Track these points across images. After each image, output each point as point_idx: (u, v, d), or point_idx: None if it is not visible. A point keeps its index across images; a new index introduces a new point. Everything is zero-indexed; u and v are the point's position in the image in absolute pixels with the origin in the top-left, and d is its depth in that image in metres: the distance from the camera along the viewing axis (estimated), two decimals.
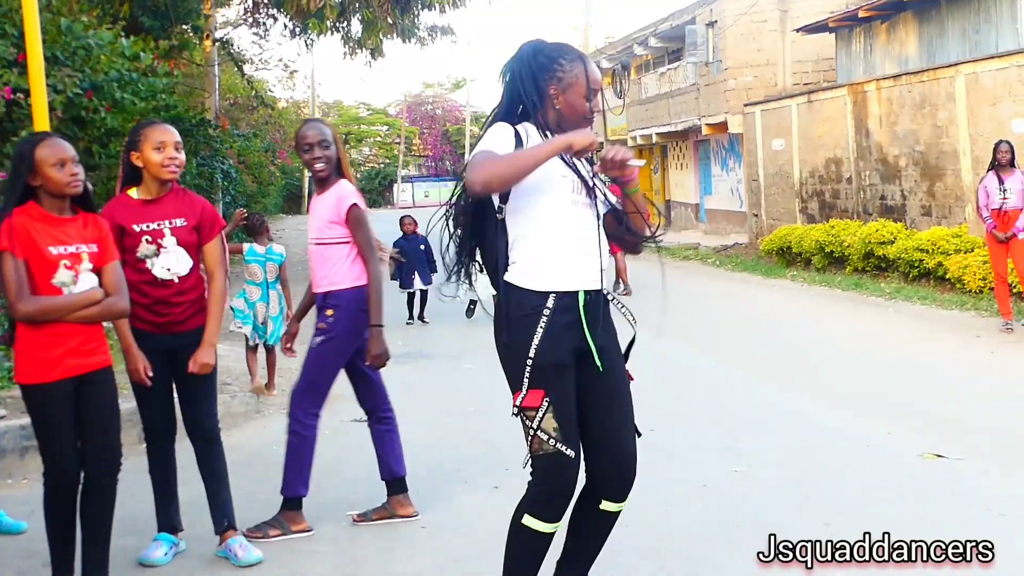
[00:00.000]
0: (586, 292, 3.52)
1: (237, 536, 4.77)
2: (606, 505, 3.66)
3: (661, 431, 6.79)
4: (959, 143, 15.44)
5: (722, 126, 25.04)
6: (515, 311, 3.50)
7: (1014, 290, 11.24)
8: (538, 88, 3.55)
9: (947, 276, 13.82)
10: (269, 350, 9.03)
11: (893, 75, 17.87)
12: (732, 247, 22.85)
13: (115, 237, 4.40)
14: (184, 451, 4.88)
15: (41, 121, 7.30)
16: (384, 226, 32.81)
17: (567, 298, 3.49)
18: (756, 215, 23.10)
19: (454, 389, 8.59)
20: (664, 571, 4.56)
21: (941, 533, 4.80)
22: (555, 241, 3.50)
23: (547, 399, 3.47)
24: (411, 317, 12.64)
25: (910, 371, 8.94)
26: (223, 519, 4.79)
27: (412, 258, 12.90)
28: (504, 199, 3.53)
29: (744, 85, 24.07)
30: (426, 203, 60.86)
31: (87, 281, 4.14)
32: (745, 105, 23.41)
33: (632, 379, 3.69)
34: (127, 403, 4.87)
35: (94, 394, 4.18)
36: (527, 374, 3.47)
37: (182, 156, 4.60)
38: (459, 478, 5.97)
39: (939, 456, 6.14)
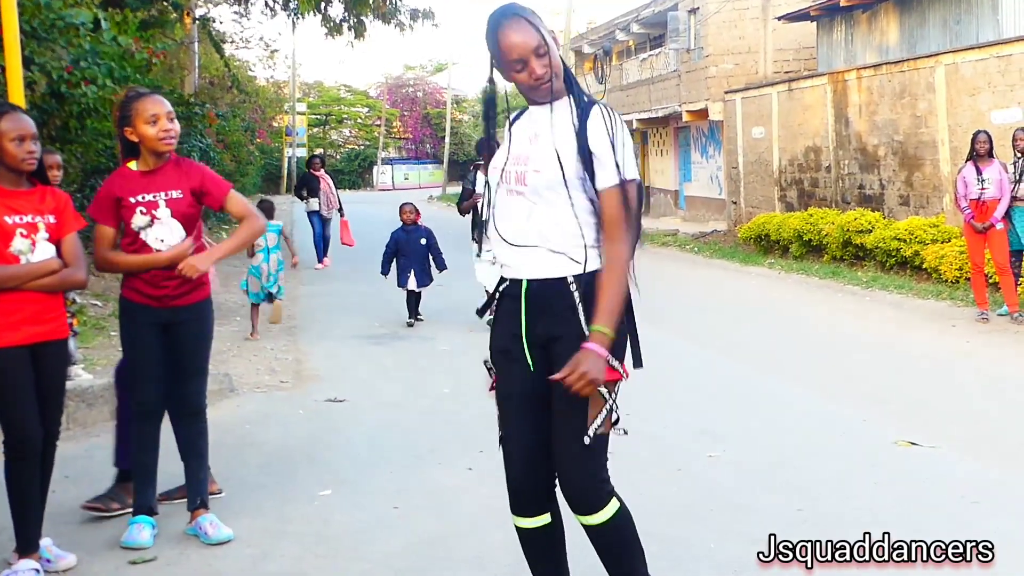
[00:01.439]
0: (530, 282, 3.29)
1: (207, 514, 4.73)
2: (577, 517, 3.39)
3: (637, 415, 6.79)
4: (938, 133, 15.47)
5: (702, 113, 25.04)
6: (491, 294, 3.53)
7: (990, 280, 11.27)
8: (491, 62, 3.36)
9: (924, 266, 13.86)
10: (271, 299, 10.70)
11: (873, 64, 17.89)
12: (711, 234, 22.85)
13: (113, 209, 4.48)
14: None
15: (16, 95, 7.20)
16: (368, 209, 32.62)
17: (514, 286, 3.36)
18: (735, 202, 23.12)
19: (429, 371, 8.55)
20: None
21: (915, 519, 4.84)
22: (500, 234, 3.36)
23: (495, 384, 3.47)
24: (412, 317, 11.16)
25: (886, 359, 8.95)
26: (197, 497, 4.75)
27: (410, 253, 11.25)
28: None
29: (725, 72, 24.07)
30: (405, 186, 60.70)
31: (44, 250, 4.23)
32: (726, 92, 23.40)
33: (623, 375, 3.31)
34: (100, 379, 4.84)
35: (47, 362, 4.27)
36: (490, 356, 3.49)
37: (176, 126, 4.55)
38: (433, 459, 5.93)
39: (913, 443, 6.15)
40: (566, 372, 3.14)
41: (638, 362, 3.41)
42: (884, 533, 4.30)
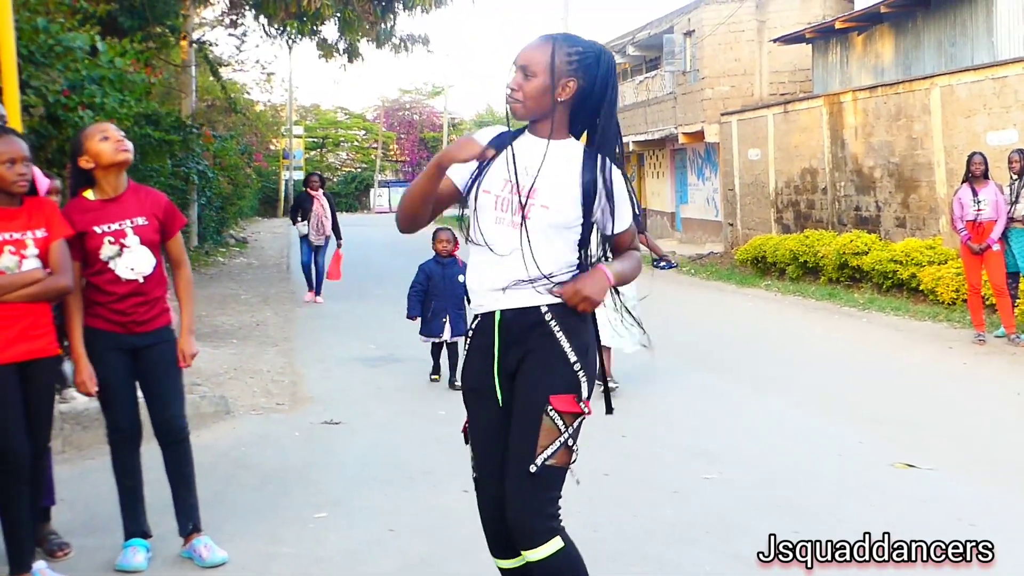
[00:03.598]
0: (503, 311, 3.25)
1: (202, 537, 4.71)
2: (519, 549, 3.24)
3: (633, 436, 6.80)
4: (934, 155, 15.52)
5: (699, 135, 25.11)
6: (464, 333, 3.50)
7: (987, 302, 11.29)
8: None
9: (920, 287, 13.88)
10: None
11: (869, 86, 17.96)
12: (707, 256, 22.87)
13: (77, 241, 4.42)
14: (147, 451, 4.80)
15: (14, 119, 7.21)
16: (364, 231, 32.45)
17: (486, 320, 3.30)
18: (731, 224, 23.16)
19: (424, 393, 8.53)
20: (631, 575, 4.52)
21: (908, 539, 4.82)
22: (478, 262, 3.32)
23: (467, 424, 3.44)
24: (436, 371, 9.01)
25: (883, 380, 8.95)
26: (188, 522, 4.72)
27: (444, 293, 8.84)
28: (464, 198, 3.41)
29: (721, 95, 24.15)
30: None
31: (32, 265, 4.26)
32: (722, 114, 23.48)
33: (584, 412, 3.24)
34: (95, 401, 4.82)
35: (36, 380, 4.30)
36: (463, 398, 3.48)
37: (128, 143, 4.54)
38: (427, 481, 5.91)
39: (910, 466, 6.14)
40: (567, 288, 3.18)
41: (609, 409, 3.50)
42: (884, 533, 4.30)
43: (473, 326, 3.37)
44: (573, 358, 3.22)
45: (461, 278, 8.41)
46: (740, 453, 6.54)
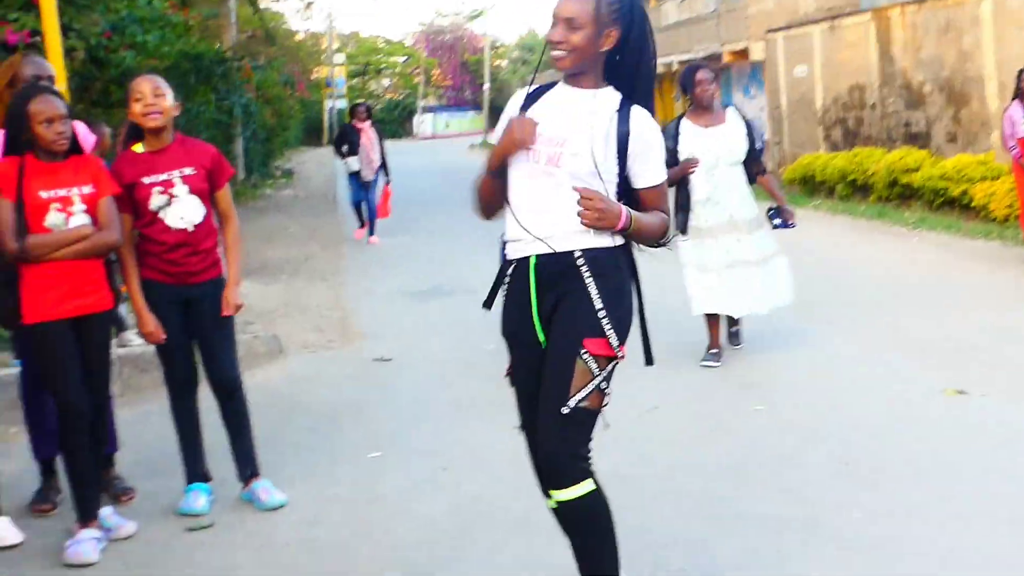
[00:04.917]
0: (538, 256, 3.31)
1: (261, 480, 4.83)
2: (547, 491, 3.34)
3: (678, 372, 6.80)
4: (984, 68, 15.20)
5: (743, 53, 24.68)
6: (496, 283, 3.53)
7: None
8: None
9: (972, 204, 13.69)
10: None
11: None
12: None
13: (126, 194, 4.47)
14: (205, 396, 4.91)
15: (56, 63, 7.27)
16: (409, 160, 32.37)
17: (522, 265, 3.36)
18: (779, 143, 22.88)
19: (473, 326, 8.58)
20: (679, 512, 4.59)
21: (955, 471, 4.85)
22: (514, 212, 3.36)
23: (509, 368, 3.51)
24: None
25: (934, 303, 8.87)
26: (246, 468, 4.85)
27: None
28: None
29: (765, 11, 23.65)
30: (446, 133, 60.57)
31: (80, 222, 4.32)
32: (767, 32, 23.05)
33: (619, 355, 3.29)
34: (151, 346, 4.92)
35: (92, 334, 4.41)
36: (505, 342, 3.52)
37: (164, 102, 4.54)
38: (479, 417, 5.99)
39: (961, 392, 6.13)
40: (587, 192, 3.18)
41: (649, 359, 3.47)
42: None
43: (510, 272, 3.42)
44: (599, 304, 3.26)
45: None
46: (788, 383, 6.56)
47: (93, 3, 11.33)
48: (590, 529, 3.34)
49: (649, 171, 3.35)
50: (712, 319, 7.11)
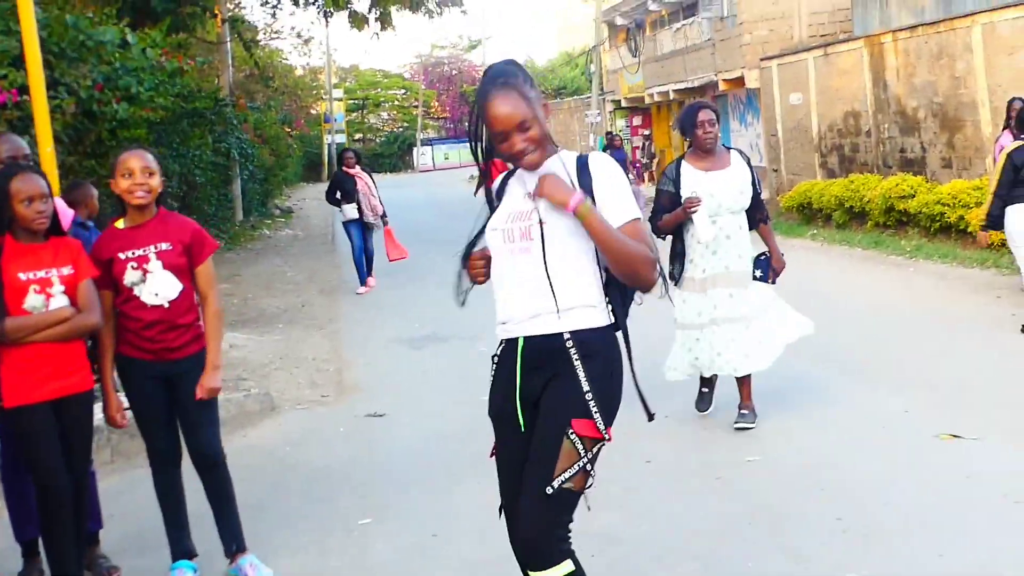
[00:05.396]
0: (527, 338, 3.29)
1: (247, 555, 4.76)
2: (526, 571, 3.30)
3: (673, 416, 6.74)
4: (977, 94, 15.19)
5: (739, 81, 24.75)
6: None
7: None
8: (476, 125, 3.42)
9: (969, 230, 13.64)
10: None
11: (910, 26, 17.56)
12: None
13: (104, 269, 4.44)
14: (189, 467, 4.84)
15: (42, 119, 7.25)
16: (409, 193, 32.55)
17: (510, 345, 3.36)
18: (776, 170, 22.89)
19: (469, 375, 8.53)
20: (677, 574, 4.52)
21: (955, 524, 4.77)
22: (499, 292, 3.37)
23: (494, 450, 3.49)
24: None
25: (929, 337, 8.83)
26: (232, 543, 4.77)
27: None
28: None
29: (760, 39, 23.73)
30: (446, 165, 60.65)
31: (60, 303, 4.29)
32: (761, 59, 23.12)
33: (605, 438, 3.25)
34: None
35: (71, 415, 4.36)
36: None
37: (153, 181, 4.50)
38: (473, 477, 5.88)
39: (955, 436, 6.06)
40: (540, 181, 3.19)
41: (650, 415, 3.46)
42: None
43: (498, 352, 3.42)
44: (586, 387, 3.23)
45: None
46: (782, 430, 6.47)
47: (84, 56, 11.34)
48: None
49: (620, 208, 3.25)
50: (743, 378, 6.59)
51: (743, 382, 6.60)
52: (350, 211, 14.01)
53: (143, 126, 13.04)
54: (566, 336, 3.25)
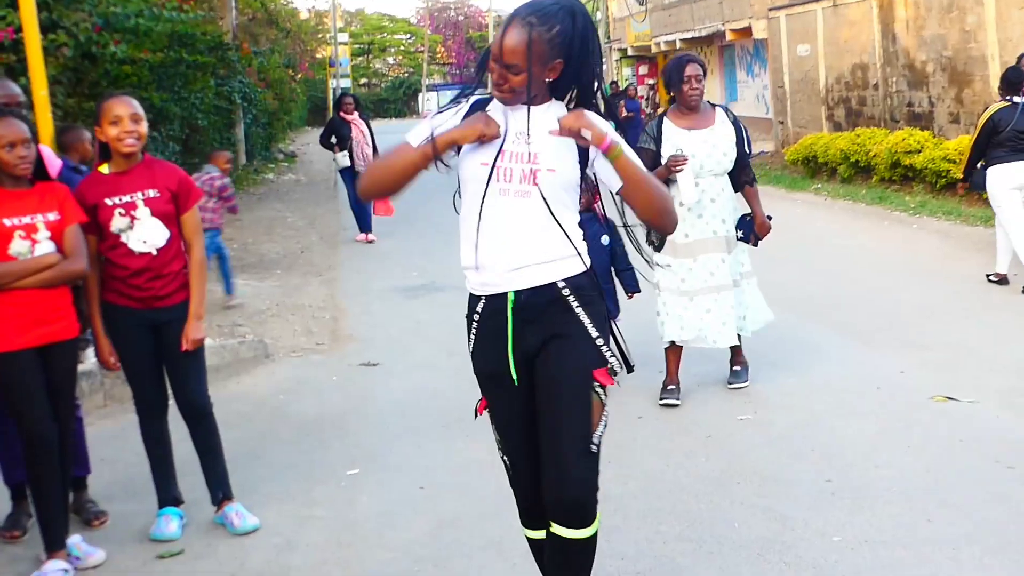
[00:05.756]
0: (517, 292, 3.14)
1: (233, 504, 4.76)
2: (555, 528, 3.20)
3: (660, 373, 6.70)
4: (987, 48, 15.00)
5: (746, 31, 24.49)
6: (465, 315, 3.35)
7: None
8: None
9: (951, 179, 13.54)
10: None
11: None
12: (758, 155, 22.46)
13: (90, 215, 4.38)
14: (176, 416, 4.81)
15: (36, 61, 7.17)
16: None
17: (497, 301, 3.19)
18: (782, 122, 22.71)
19: (462, 329, 8.49)
20: (660, 533, 4.51)
21: (944, 489, 4.75)
22: (483, 238, 3.15)
23: (488, 408, 3.38)
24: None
25: (929, 296, 8.78)
26: (218, 491, 4.78)
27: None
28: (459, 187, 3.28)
29: None
30: None
31: (45, 250, 4.24)
32: (769, 9, 22.84)
33: (609, 382, 3.22)
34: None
35: (55, 362, 4.32)
36: (477, 380, 3.39)
37: (141, 128, 4.44)
38: (462, 430, 5.87)
39: (950, 398, 6.03)
40: (570, 117, 3.05)
41: (630, 367, 3.42)
42: None
43: (479, 309, 3.25)
44: (595, 333, 3.19)
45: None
46: (777, 389, 6.43)
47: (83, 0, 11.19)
48: (581, 565, 3.28)
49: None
50: (674, 350, 6.31)
51: (673, 355, 6.32)
52: (343, 159, 13.76)
53: (144, 68, 12.94)
54: (561, 284, 3.16)
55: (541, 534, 3.37)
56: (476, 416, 3.47)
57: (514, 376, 3.22)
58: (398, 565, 4.33)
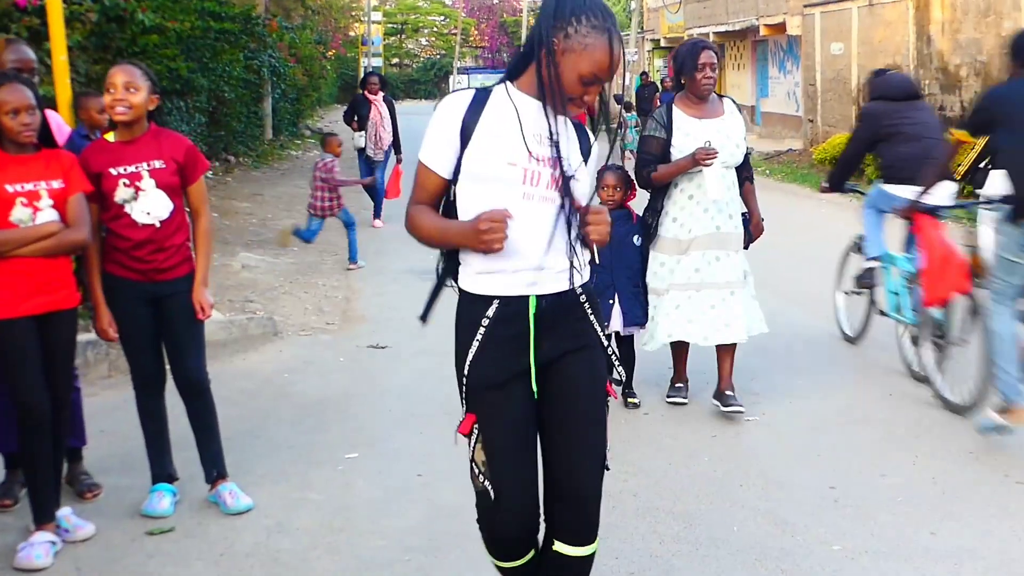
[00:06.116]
0: (539, 298, 2.95)
1: (227, 483, 4.71)
2: (559, 546, 3.03)
3: (669, 368, 6.60)
4: None
5: (780, 27, 24.31)
6: (458, 320, 3.06)
7: None
8: (543, 33, 2.85)
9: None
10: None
11: None
12: (786, 153, 22.30)
13: (93, 182, 4.32)
14: (173, 392, 4.76)
15: (56, 26, 7.10)
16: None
17: (514, 304, 2.96)
18: (812, 120, 22.51)
19: None
20: (657, 533, 4.43)
21: (946, 504, 4.65)
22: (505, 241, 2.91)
23: (476, 426, 3.05)
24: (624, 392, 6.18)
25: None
26: (213, 469, 4.73)
27: (610, 262, 5.85)
28: (455, 177, 3.00)
29: None
30: None
31: (47, 217, 4.18)
32: (805, 6, 22.65)
33: (612, 395, 3.12)
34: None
35: (54, 332, 4.27)
36: (463, 395, 3.09)
37: (135, 97, 4.35)
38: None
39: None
40: (597, 208, 2.92)
41: (619, 381, 3.32)
42: None
43: (490, 313, 2.98)
44: (606, 342, 3.11)
45: (637, 240, 6.03)
46: (788, 391, 6.34)
47: None
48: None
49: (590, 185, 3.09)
50: (680, 347, 6.08)
51: (725, 358, 5.96)
52: (360, 140, 13.50)
53: (172, 39, 12.88)
54: (579, 290, 3.01)
55: (523, 560, 3.14)
56: (456, 441, 3.16)
57: (534, 387, 3.01)
58: (389, 553, 4.28)
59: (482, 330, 3.00)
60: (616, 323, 5.93)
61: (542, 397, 3.04)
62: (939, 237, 6.06)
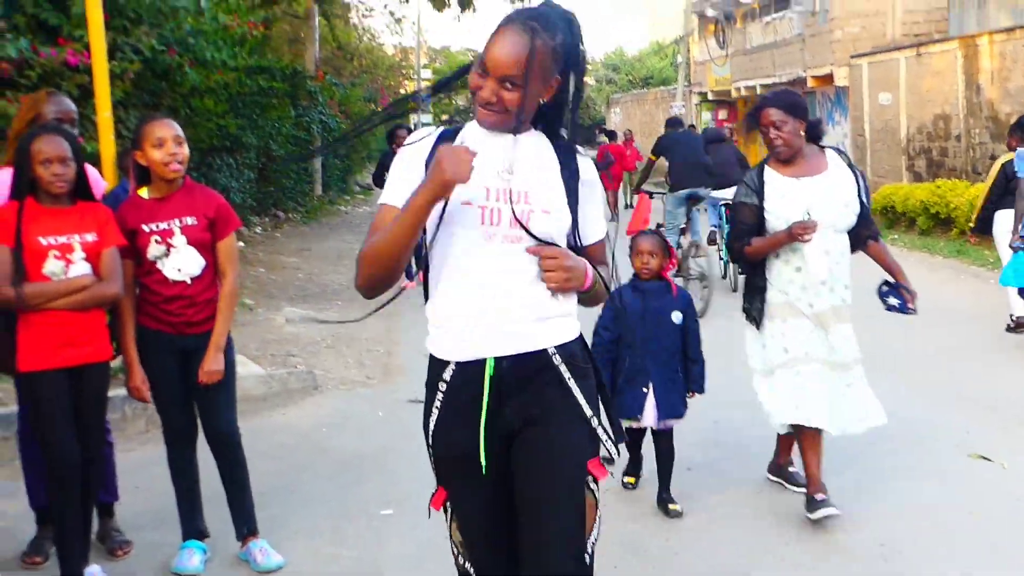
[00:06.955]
0: (498, 359, 2.65)
1: (258, 540, 4.65)
2: None
3: (718, 427, 6.49)
4: None
5: (828, 78, 24.21)
6: (426, 382, 2.80)
7: None
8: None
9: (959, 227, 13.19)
10: None
11: (1007, 28, 16.98)
12: None
13: (128, 239, 4.33)
14: (207, 447, 4.74)
15: (102, 83, 7.19)
16: None
17: (471, 368, 2.66)
18: (861, 171, 22.33)
19: None
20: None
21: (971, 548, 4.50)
22: (458, 291, 2.66)
23: (448, 502, 2.82)
24: (634, 470, 5.61)
25: (994, 357, 8.42)
26: (243, 526, 4.68)
27: (647, 344, 5.21)
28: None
29: (851, 36, 23.16)
30: None
31: (80, 271, 4.19)
32: (851, 57, 22.57)
33: (604, 474, 2.73)
34: None
35: (86, 385, 4.26)
36: (432, 466, 2.83)
37: (184, 151, 4.39)
38: None
39: (984, 458, 5.82)
40: (548, 250, 2.61)
41: (620, 436, 2.86)
42: None
43: (447, 377, 2.70)
44: (589, 412, 2.72)
45: (677, 317, 5.23)
46: (832, 443, 6.18)
47: (161, 21, 11.26)
48: None
49: (598, 221, 2.81)
50: (810, 438, 5.07)
51: (813, 450, 5.05)
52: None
53: (222, 95, 13.01)
54: (551, 351, 2.67)
55: None
56: (430, 515, 2.93)
57: (482, 462, 2.67)
58: None
59: (439, 396, 2.73)
60: (649, 417, 5.18)
61: (505, 477, 2.72)
62: None
